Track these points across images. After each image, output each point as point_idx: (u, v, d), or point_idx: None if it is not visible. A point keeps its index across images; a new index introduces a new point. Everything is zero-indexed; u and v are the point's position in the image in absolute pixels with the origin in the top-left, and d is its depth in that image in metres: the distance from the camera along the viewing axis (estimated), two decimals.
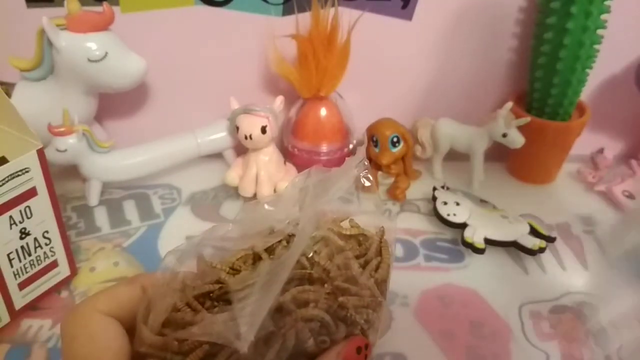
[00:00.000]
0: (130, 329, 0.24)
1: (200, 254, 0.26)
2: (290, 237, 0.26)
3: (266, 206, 0.28)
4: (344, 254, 0.26)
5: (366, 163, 0.29)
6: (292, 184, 0.28)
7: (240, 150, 0.57)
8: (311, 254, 0.25)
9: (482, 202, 0.54)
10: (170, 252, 0.26)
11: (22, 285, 0.42)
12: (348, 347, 0.24)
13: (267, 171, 0.55)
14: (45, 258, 0.43)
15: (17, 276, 0.41)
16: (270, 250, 0.26)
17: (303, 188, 0.28)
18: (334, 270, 0.25)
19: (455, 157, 0.59)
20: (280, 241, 0.26)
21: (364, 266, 0.26)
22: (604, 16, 0.52)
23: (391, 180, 0.58)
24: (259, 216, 0.28)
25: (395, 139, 0.54)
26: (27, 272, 0.42)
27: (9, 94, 0.49)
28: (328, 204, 0.27)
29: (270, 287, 0.22)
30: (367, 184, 0.29)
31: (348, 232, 0.27)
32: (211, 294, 0.24)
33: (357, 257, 0.27)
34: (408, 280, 0.47)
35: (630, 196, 0.56)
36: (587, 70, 0.55)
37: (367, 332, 0.26)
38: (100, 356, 0.22)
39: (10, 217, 0.39)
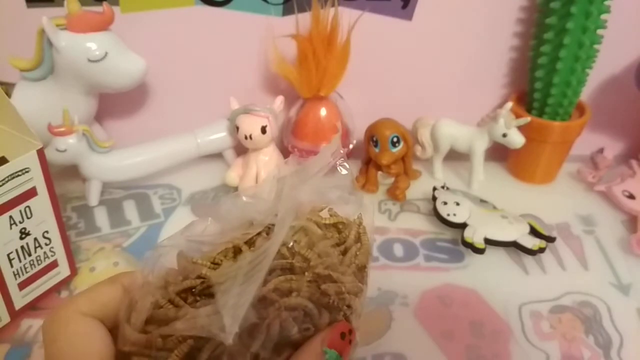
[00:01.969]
0: (114, 328, 0.24)
1: (181, 250, 0.26)
2: (269, 228, 0.26)
3: (244, 199, 0.28)
4: (324, 242, 0.26)
5: (342, 151, 0.29)
6: (271, 175, 0.28)
7: (240, 150, 0.57)
8: (291, 244, 0.25)
9: (482, 202, 0.54)
10: (151, 250, 0.26)
11: (22, 285, 0.42)
12: (332, 333, 0.24)
13: (267, 171, 0.55)
14: (45, 258, 0.43)
15: (17, 276, 0.41)
16: (250, 243, 0.26)
17: (280, 179, 0.28)
18: (314, 258, 0.25)
19: (455, 157, 0.59)
20: (259, 233, 0.26)
21: (344, 253, 0.27)
22: (604, 16, 0.52)
23: (391, 180, 0.58)
24: (238, 209, 0.28)
25: (395, 139, 0.54)
26: (27, 272, 0.42)
27: (9, 94, 0.48)
28: (306, 193, 0.27)
29: (251, 278, 0.22)
30: (344, 172, 0.29)
31: (327, 221, 0.28)
32: (193, 290, 0.24)
33: (337, 245, 0.27)
34: (408, 280, 0.47)
35: (631, 196, 0.56)
36: (587, 70, 0.55)
37: (350, 317, 0.26)
38: (80, 359, 0.22)
39: (10, 217, 0.39)
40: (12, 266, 0.40)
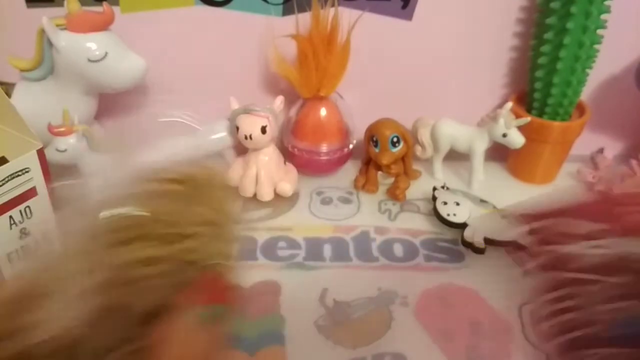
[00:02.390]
0: None
1: (23, 261, 0.26)
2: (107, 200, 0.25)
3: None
4: (174, 199, 0.25)
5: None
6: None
7: (240, 150, 0.57)
8: (139, 212, 0.24)
9: (482, 202, 0.54)
10: None
11: None
12: (204, 286, 0.24)
13: (267, 171, 0.55)
14: None
15: None
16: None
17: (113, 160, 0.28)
18: (165, 218, 0.24)
19: (455, 157, 0.59)
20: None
21: (190, 204, 0.26)
22: (604, 16, 0.52)
23: (391, 180, 0.58)
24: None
25: (395, 139, 0.54)
26: None
27: (9, 94, 0.48)
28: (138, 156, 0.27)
29: (87, 265, 0.22)
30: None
31: (174, 176, 0.27)
32: (34, 297, 0.23)
33: (188, 199, 0.26)
34: (408, 280, 0.47)
35: None
36: (587, 70, 0.55)
37: (216, 266, 0.25)
38: None
39: (10, 217, 0.39)
40: (12, 266, 0.40)
